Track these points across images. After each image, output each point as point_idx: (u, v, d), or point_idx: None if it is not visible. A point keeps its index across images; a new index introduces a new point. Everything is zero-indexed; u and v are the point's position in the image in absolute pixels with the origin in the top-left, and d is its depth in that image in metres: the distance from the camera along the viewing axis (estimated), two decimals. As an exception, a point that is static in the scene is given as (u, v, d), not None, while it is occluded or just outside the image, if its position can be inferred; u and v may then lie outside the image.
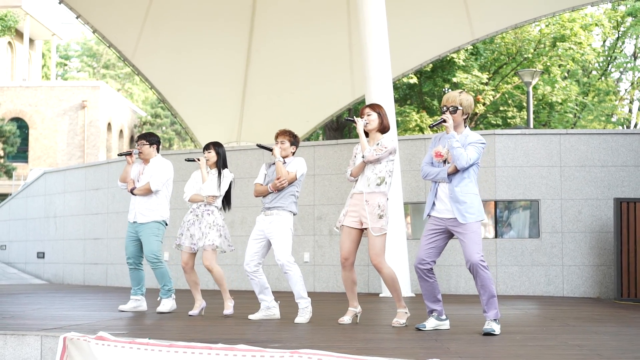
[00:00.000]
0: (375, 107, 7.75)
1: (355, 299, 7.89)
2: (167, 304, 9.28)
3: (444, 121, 7.08)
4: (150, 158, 9.53)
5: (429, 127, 7.55)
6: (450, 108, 7.08)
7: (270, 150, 8.27)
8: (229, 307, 8.89)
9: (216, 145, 9.08)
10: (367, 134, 7.65)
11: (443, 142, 7.11)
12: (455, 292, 13.42)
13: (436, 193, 7.05)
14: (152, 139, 9.61)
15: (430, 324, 7.20)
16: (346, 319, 7.84)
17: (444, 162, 7.05)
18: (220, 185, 8.90)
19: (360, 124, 7.61)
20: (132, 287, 9.56)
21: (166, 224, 9.56)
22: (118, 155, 10.09)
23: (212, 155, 8.99)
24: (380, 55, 13.13)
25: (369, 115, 7.68)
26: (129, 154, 9.56)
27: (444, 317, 7.27)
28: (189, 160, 9.37)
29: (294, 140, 8.34)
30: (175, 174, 15.56)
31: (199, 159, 9.03)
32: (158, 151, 9.69)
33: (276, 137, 8.32)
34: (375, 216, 7.47)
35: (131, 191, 9.46)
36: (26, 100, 40.83)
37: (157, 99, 42.32)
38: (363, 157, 7.52)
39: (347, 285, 7.86)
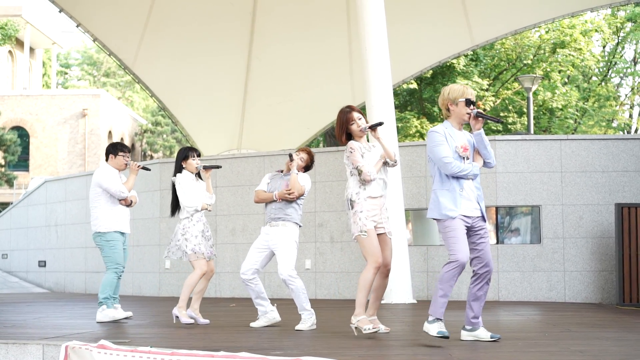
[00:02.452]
0: (359, 111, 7.64)
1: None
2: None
3: (482, 117, 6.86)
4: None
5: (477, 115, 6.86)
6: (474, 102, 6.93)
7: (291, 160, 8.29)
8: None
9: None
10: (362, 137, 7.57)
11: (455, 137, 6.84)
12: (458, 298, 13.40)
13: (462, 190, 6.74)
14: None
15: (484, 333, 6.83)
16: (382, 327, 7.49)
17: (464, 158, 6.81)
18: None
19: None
20: (114, 296, 9.44)
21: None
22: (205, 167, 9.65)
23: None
24: (380, 61, 13.14)
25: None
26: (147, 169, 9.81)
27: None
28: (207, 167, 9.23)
29: (310, 161, 8.50)
30: (166, 183, 15.59)
31: (219, 166, 9.15)
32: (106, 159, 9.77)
33: (297, 151, 8.40)
34: (389, 219, 7.44)
35: (129, 204, 9.50)
36: (27, 109, 40.86)
37: (157, 107, 42.36)
38: (389, 163, 7.37)
39: (380, 294, 7.63)
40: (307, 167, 8.52)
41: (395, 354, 6.12)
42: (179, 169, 8.80)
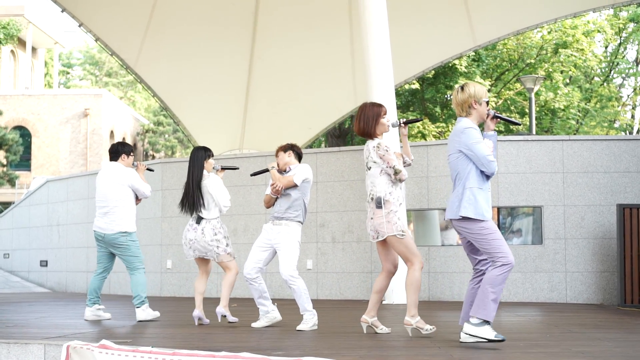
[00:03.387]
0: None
1: None
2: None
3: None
4: None
5: (495, 117, 6.90)
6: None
7: (266, 171, 8.53)
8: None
9: None
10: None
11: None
12: (459, 299, 13.40)
13: (489, 191, 6.80)
14: None
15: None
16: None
17: None
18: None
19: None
20: (97, 296, 9.69)
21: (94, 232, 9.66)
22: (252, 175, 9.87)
23: None
24: (382, 61, 13.14)
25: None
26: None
27: None
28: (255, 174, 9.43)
29: (289, 147, 8.53)
30: (178, 182, 15.62)
31: (236, 167, 9.66)
32: (112, 159, 9.84)
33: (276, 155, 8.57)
34: None
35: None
36: (29, 109, 40.88)
37: (159, 107, 42.37)
38: (407, 162, 7.61)
39: (383, 295, 7.68)
40: (299, 157, 8.53)
41: (396, 355, 6.12)
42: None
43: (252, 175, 9.10)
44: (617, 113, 35.33)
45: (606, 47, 35.17)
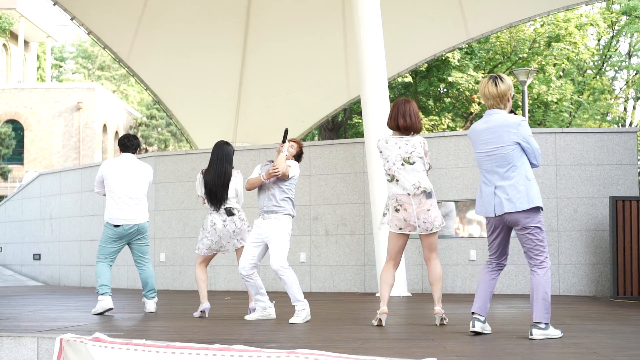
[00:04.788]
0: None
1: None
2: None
3: None
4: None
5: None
6: None
7: (286, 135, 8.34)
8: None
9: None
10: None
11: None
12: (452, 292, 13.44)
13: None
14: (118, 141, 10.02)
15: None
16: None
17: None
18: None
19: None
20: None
21: (115, 226, 9.51)
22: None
23: None
24: (375, 55, 13.14)
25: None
26: None
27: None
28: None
29: (300, 152, 8.53)
30: (172, 176, 15.58)
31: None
32: (124, 150, 9.83)
33: (289, 141, 8.44)
34: None
35: None
36: (21, 102, 40.77)
37: (152, 100, 42.29)
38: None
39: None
40: (297, 158, 8.53)
41: (390, 346, 6.13)
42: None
43: (286, 131, 8.85)
44: (610, 106, 35.39)
45: (599, 40, 35.21)
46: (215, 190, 8.74)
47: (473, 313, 6.72)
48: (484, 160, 6.71)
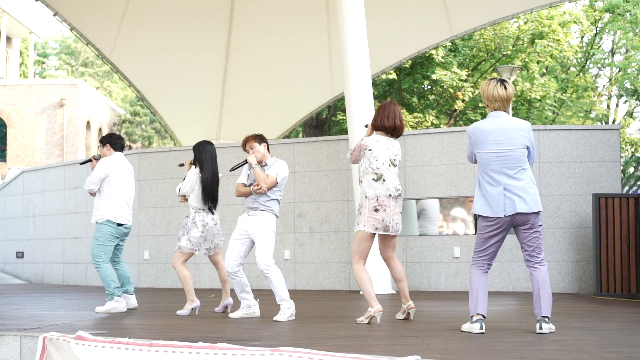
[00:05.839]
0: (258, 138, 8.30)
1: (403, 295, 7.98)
2: (107, 305, 9.21)
3: None
4: (105, 157, 9.65)
5: None
6: None
7: (245, 163, 8.38)
8: (185, 308, 8.88)
9: (195, 146, 9.19)
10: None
11: None
12: (436, 289, 13.46)
13: None
14: (103, 139, 9.87)
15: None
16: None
17: None
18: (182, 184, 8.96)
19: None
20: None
21: (119, 225, 9.46)
22: (80, 164, 10.42)
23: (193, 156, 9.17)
24: (359, 51, 13.14)
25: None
26: (91, 160, 9.80)
27: None
28: (181, 165, 9.56)
29: (259, 139, 8.42)
30: (155, 173, 15.54)
31: (184, 163, 9.29)
32: (118, 149, 9.70)
33: (244, 146, 8.38)
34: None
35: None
36: (4, 99, 40.52)
37: (136, 97, 42.12)
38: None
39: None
40: (262, 142, 8.46)
41: (374, 344, 6.13)
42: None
43: (231, 170, 8.99)
44: (593, 103, 35.53)
45: (582, 38, 35.33)
46: (212, 189, 8.93)
47: (480, 314, 6.78)
48: (493, 161, 6.78)
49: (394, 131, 7.75)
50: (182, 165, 9.45)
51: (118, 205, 9.43)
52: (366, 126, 8.00)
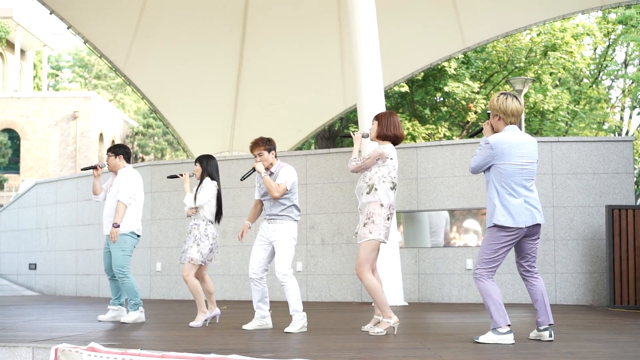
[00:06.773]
0: (377, 116, 7.85)
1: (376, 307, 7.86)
2: (133, 315, 9.28)
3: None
4: (117, 169, 9.64)
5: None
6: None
7: (253, 171, 8.40)
8: (197, 319, 8.87)
9: (202, 158, 9.23)
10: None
11: None
12: (449, 301, 13.42)
13: None
14: (117, 150, 9.84)
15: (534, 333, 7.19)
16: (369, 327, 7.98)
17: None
18: (196, 196, 8.96)
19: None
20: (112, 297, 9.67)
21: (138, 236, 9.55)
22: (82, 170, 10.50)
23: (198, 168, 9.16)
24: (371, 64, 13.14)
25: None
26: (95, 167, 9.79)
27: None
28: (171, 177, 9.67)
29: (269, 145, 8.40)
30: (168, 185, 15.57)
31: (181, 175, 9.28)
32: (128, 161, 9.76)
33: (252, 152, 8.39)
34: (361, 224, 7.57)
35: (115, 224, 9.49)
36: (18, 111, 40.75)
37: (149, 109, 42.26)
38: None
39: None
40: (270, 150, 8.42)
41: (385, 356, 6.11)
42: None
43: (242, 179, 9.00)
44: (606, 115, 35.44)
45: (595, 50, 35.28)
46: (221, 202, 9.16)
47: (509, 325, 6.82)
48: (516, 173, 6.88)
49: (399, 140, 7.76)
50: (174, 176, 9.59)
51: (139, 217, 9.57)
52: (364, 136, 7.98)
